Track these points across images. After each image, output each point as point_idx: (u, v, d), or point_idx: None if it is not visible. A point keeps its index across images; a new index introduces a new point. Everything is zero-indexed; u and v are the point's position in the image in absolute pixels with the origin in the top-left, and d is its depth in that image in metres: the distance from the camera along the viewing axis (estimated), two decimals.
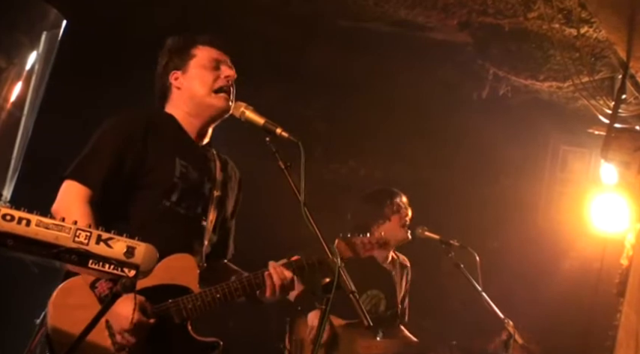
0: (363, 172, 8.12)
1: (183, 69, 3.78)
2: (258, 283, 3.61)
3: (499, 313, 5.43)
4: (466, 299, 5.95)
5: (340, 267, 3.15)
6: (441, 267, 6.62)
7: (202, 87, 3.74)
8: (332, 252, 3.21)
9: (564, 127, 7.87)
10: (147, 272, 2.35)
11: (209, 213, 3.73)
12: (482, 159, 7.62)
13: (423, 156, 7.76)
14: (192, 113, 3.76)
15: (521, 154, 7.65)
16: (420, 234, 5.83)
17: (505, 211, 7.52)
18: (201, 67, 3.76)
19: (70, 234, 2.25)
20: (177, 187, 3.60)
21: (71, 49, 6.47)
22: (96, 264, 2.29)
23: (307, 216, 3.21)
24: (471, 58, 6.93)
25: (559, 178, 8.09)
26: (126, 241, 2.35)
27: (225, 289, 3.55)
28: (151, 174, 3.57)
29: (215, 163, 3.84)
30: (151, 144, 3.62)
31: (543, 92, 7.24)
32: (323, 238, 3.23)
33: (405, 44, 6.82)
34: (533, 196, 7.93)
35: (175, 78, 3.80)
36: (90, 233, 2.28)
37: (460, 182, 7.68)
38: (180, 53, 3.81)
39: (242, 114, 3.57)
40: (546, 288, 7.07)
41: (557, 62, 6.42)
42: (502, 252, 7.20)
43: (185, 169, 3.65)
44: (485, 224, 7.27)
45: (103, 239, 2.29)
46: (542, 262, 7.37)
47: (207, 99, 3.73)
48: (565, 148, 8.12)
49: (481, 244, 5.79)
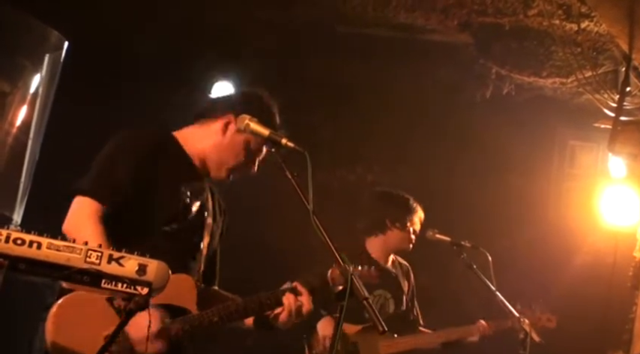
0: (370, 178, 8.12)
1: (239, 125, 3.60)
2: (270, 304, 3.60)
3: (515, 312, 5.43)
4: (481, 300, 5.93)
5: (353, 274, 3.15)
6: (453, 269, 6.61)
7: (232, 159, 3.75)
8: (343, 260, 3.21)
9: (570, 122, 7.86)
10: (160, 289, 2.37)
11: (204, 239, 3.74)
12: (488, 158, 7.60)
13: (429, 158, 7.75)
14: (206, 157, 3.77)
15: (528, 152, 7.62)
16: (431, 236, 5.84)
17: (514, 209, 7.50)
18: (252, 138, 3.70)
19: (81, 255, 2.27)
20: (179, 215, 3.62)
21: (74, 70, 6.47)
22: (109, 283, 2.31)
23: (317, 225, 3.20)
24: (472, 59, 6.94)
25: (567, 173, 8.07)
26: (137, 259, 2.37)
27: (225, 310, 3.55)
28: (156, 197, 3.58)
29: (208, 192, 3.84)
30: (161, 167, 3.62)
31: (547, 88, 7.24)
32: (334, 247, 3.23)
33: (405, 47, 6.84)
34: (542, 192, 7.91)
35: (227, 123, 3.75)
36: (101, 253, 2.30)
37: (467, 183, 7.67)
38: (257, 111, 3.66)
39: (246, 126, 3.55)
40: (560, 284, 7.05)
41: (559, 58, 6.43)
42: (513, 250, 7.17)
43: (188, 199, 3.66)
44: (495, 224, 7.25)
45: (115, 258, 2.31)
46: (555, 259, 7.34)
47: (224, 170, 3.75)
48: (572, 143, 8.10)
49: (492, 244, 5.77)
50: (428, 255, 6.12)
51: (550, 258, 7.37)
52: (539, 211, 7.74)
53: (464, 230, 6.07)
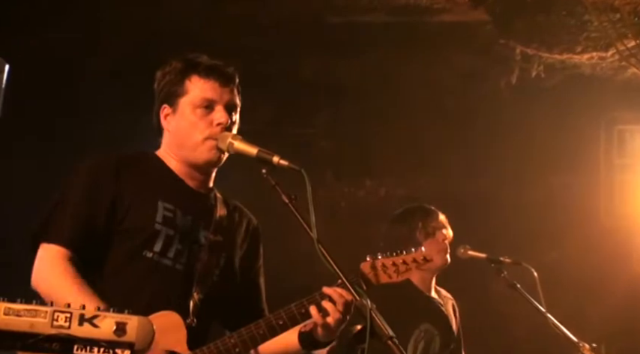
0: (383, 192, 8.12)
1: (174, 106, 3.75)
2: (284, 324, 3.59)
3: (571, 336, 5.41)
4: (530, 326, 5.92)
5: (372, 309, 3.14)
6: (493, 291, 6.61)
7: (190, 135, 3.75)
8: (359, 293, 3.21)
9: (616, 104, 7.87)
10: (144, 349, 2.36)
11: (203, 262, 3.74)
12: (522, 158, 7.61)
13: (450, 163, 7.75)
14: (181, 160, 3.78)
15: (569, 145, 7.63)
16: (463, 254, 5.81)
17: (559, 214, 7.50)
18: (191, 107, 3.73)
19: (47, 319, 2.26)
20: (160, 235, 3.62)
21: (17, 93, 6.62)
22: (83, 349, 2.30)
23: (324, 255, 3.20)
24: (491, 39, 6.96)
25: (618, 164, 8.08)
26: (114, 316, 2.36)
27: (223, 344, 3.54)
28: (127, 220, 3.59)
29: (215, 207, 3.86)
30: (126, 186, 3.64)
31: (584, 66, 7.26)
32: (346, 278, 3.23)
33: (410, 34, 6.86)
34: (591, 190, 7.91)
35: (165, 115, 3.80)
36: (70, 314, 2.29)
37: (499, 189, 7.67)
38: (172, 85, 3.78)
39: (230, 146, 3.56)
40: (620, 296, 7.04)
41: (594, 29, 6.44)
42: (563, 262, 7.18)
43: (172, 214, 3.67)
44: (537, 233, 7.25)
45: (87, 319, 2.30)
46: (612, 267, 7.33)
47: (195, 151, 3.74)
48: (620, 128, 8.12)
49: (536, 258, 5.77)
50: (461, 277, 6.11)
51: (606, 266, 7.37)
52: (589, 213, 7.74)
53: (501, 244, 6.08)
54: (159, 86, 3.84)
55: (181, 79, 3.77)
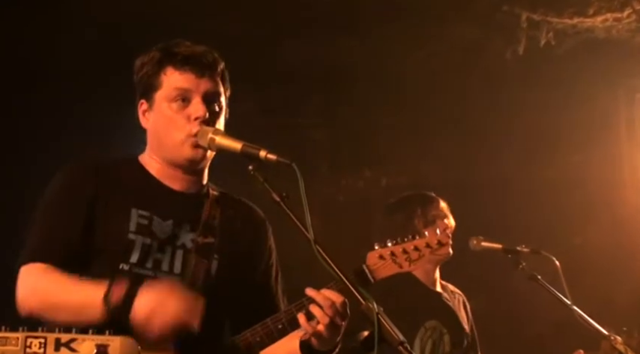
0: (384, 182, 8.11)
1: (150, 102, 3.74)
2: (280, 329, 3.57)
3: (601, 329, 5.41)
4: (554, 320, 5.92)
5: (379, 313, 3.13)
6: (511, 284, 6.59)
7: (167, 133, 3.72)
8: (364, 296, 3.19)
9: (635, 69, 7.86)
10: None
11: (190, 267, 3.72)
12: (535, 137, 7.60)
13: (455, 148, 7.74)
14: (163, 161, 3.77)
15: (585, 118, 7.62)
16: (476, 246, 5.79)
17: (579, 195, 7.50)
18: (167, 101, 3.72)
19: (18, 346, 2.25)
20: (135, 245, 3.61)
21: None
22: None
23: (322, 256, 3.20)
24: (493, 5, 6.95)
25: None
26: (94, 338, 2.35)
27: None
28: (101, 233, 3.59)
29: (204, 207, 3.84)
30: (103, 196, 3.63)
31: (597, 30, 7.25)
32: (349, 280, 3.22)
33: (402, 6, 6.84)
34: (613, 165, 7.91)
35: (143, 112, 3.79)
36: (44, 339, 2.28)
37: (511, 173, 7.65)
38: (148, 77, 3.77)
39: (211, 142, 3.55)
40: None
41: None
42: (587, 248, 7.18)
43: (147, 221, 3.66)
44: (556, 218, 7.25)
45: (64, 343, 2.29)
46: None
47: (175, 151, 3.72)
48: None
49: (557, 245, 5.77)
50: (476, 272, 6.11)
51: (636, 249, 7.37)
52: (613, 191, 7.74)
53: (518, 233, 6.06)
54: (137, 78, 3.82)
55: (157, 70, 3.74)
